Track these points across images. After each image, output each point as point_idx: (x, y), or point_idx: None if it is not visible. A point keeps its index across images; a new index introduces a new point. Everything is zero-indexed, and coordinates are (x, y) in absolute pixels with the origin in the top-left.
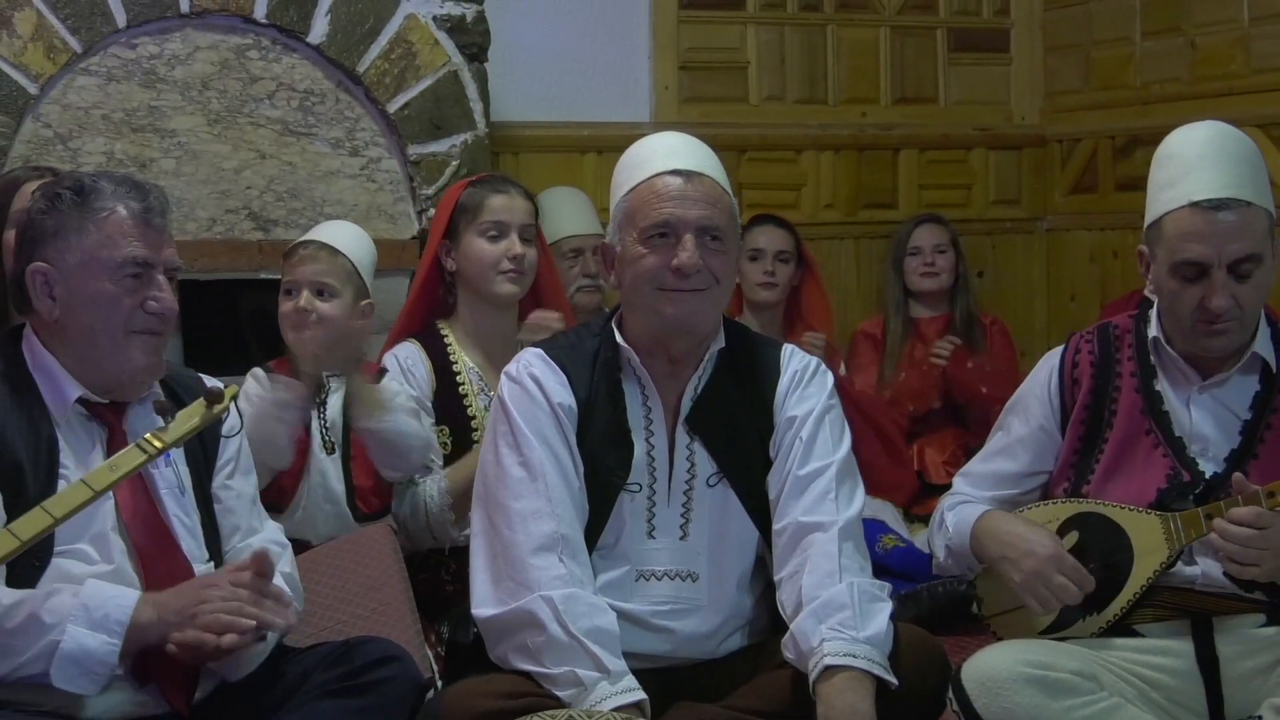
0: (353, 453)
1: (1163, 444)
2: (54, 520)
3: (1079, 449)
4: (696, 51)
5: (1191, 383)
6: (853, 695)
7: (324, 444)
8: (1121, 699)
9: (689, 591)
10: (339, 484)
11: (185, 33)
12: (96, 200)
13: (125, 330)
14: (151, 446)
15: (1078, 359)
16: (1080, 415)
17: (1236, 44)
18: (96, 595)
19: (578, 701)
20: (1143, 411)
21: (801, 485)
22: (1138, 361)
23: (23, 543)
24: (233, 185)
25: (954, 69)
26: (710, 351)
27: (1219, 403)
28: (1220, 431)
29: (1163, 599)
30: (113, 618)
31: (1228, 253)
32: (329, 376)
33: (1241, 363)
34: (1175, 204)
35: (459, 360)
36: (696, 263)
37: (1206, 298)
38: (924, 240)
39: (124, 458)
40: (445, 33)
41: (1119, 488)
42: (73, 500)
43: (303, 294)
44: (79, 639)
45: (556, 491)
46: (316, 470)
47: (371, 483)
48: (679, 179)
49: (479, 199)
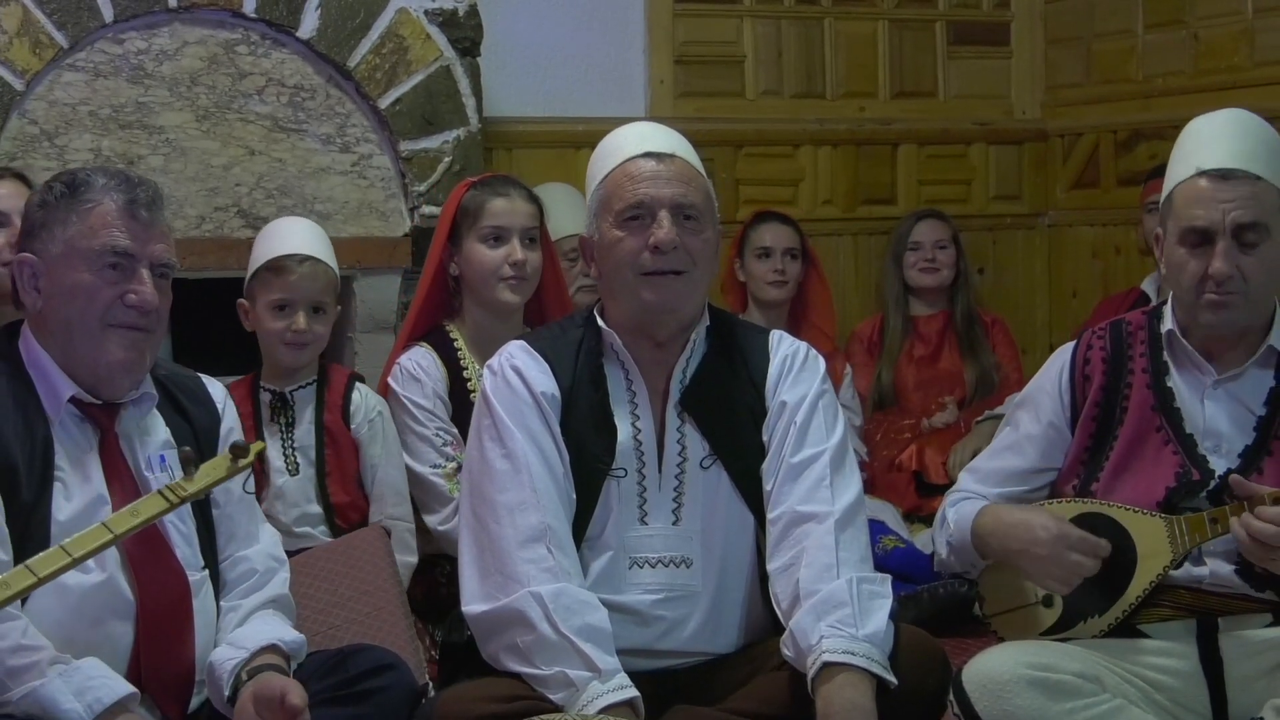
0: (327, 469)
1: (1173, 441)
2: (72, 560)
3: (1089, 446)
4: (692, 45)
5: (1206, 377)
6: (853, 691)
7: (287, 466)
8: (1124, 701)
9: (683, 578)
10: (311, 504)
11: (173, 27)
12: (86, 193)
13: (102, 323)
14: (174, 496)
15: (1090, 355)
16: (1091, 412)
17: (1240, 36)
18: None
19: (570, 702)
20: (1154, 408)
21: (795, 472)
22: (1150, 358)
23: (39, 579)
24: (222, 182)
25: (953, 62)
26: (697, 333)
27: (1233, 398)
28: (1234, 427)
29: (1169, 598)
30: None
31: (1231, 219)
32: (293, 391)
33: (1257, 356)
34: (1185, 175)
35: (469, 364)
36: (673, 239)
37: (1210, 265)
38: (925, 236)
39: (146, 504)
40: (437, 27)
41: (1127, 485)
42: (92, 542)
43: (299, 314)
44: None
45: (541, 482)
46: (274, 498)
47: (350, 497)
48: (652, 161)
49: (479, 203)
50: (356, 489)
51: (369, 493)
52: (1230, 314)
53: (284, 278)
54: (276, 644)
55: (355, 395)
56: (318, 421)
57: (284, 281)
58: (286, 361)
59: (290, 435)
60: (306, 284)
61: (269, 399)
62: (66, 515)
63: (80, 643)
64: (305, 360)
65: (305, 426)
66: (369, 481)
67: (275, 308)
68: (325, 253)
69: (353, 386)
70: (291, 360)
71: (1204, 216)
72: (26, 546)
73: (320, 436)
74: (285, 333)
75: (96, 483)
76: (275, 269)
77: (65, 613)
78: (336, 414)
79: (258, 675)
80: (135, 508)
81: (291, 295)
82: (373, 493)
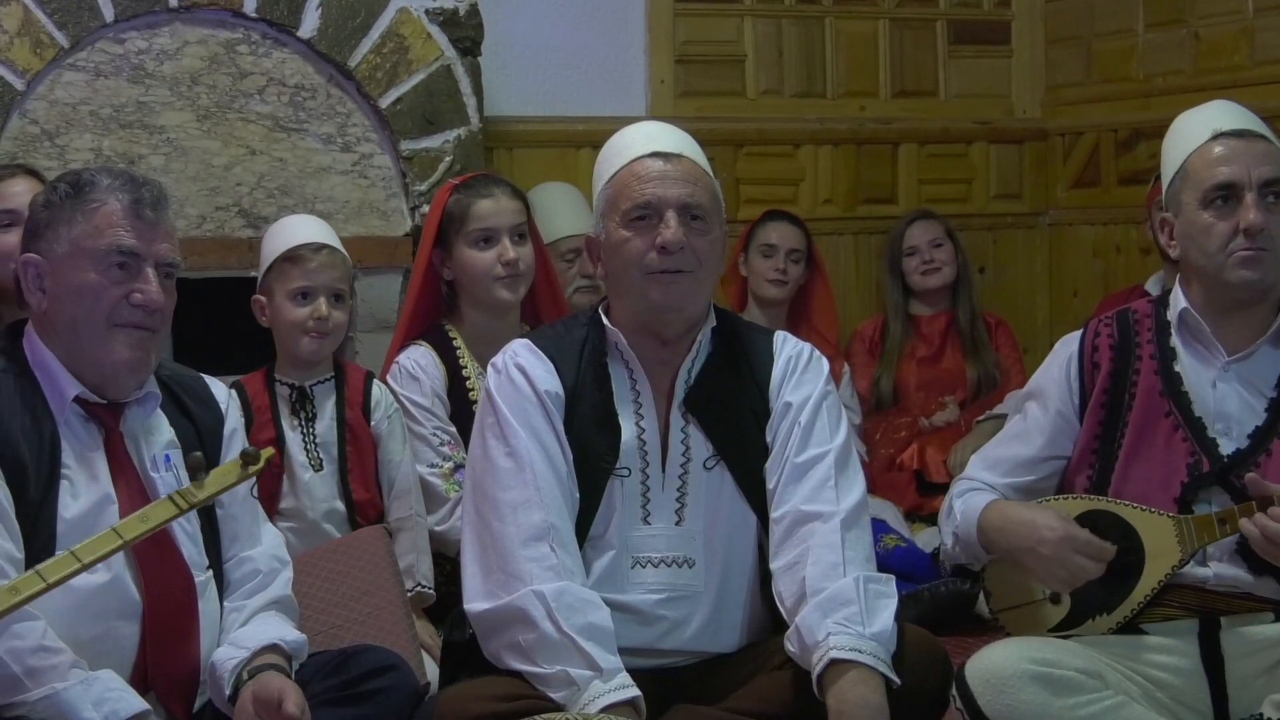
0: (349, 466)
1: (1182, 426)
2: (81, 565)
3: (1099, 434)
4: (692, 45)
5: (1217, 358)
6: (865, 689)
7: (310, 461)
8: (1126, 697)
9: (686, 578)
10: (335, 500)
11: (174, 27)
12: (91, 193)
13: (108, 322)
14: (184, 502)
15: (1097, 343)
16: (1100, 399)
17: (1240, 35)
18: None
19: (571, 701)
20: (1161, 394)
21: (799, 472)
22: (1157, 344)
23: (48, 585)
24: (222, 182)
25: (954, 62)
26: (702, 333)
27: (1245, 379)
28: (1245, 408)
29: (1174, 598)
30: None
31: (1257, 174)
32: (313, 386)
33: (1269, 335)
34: (1199, 141)
35: (468, 363)
36: (680, 239)
37: (1241, 219)
38: (918, 238)
39: (156, 510)
40: (438, 26)
41: (1141, 474)
42: (101, 547)
43: (320, 301)
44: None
45: (544, 481)
46: (303, 493)
47: (369, 495)
48: (659, 160)
49: (465, 206)
50: (375, 486)
51: (384, 490)
52: (1263, 270)
53: (302, 266)
54: (278, 644)
55: (375, 390)
56: (339, 417)
57: (303, 270)
58: (307, 353)
59: (312, 430)
60: (326, 271)
61: (288, 393)
62: (73, 514)
63: (86, 642)
64: (327, 351)
65: (327, 422)
66: (385, 478)
67: (297, 296)
68: (338, 244)
69: (371, 382)
70: (313, 351)
71: (1230, 172)
72: (33, 544)
73: (342, 433)
74: (308, 321)
75: (103, 482)
76: (293, 259)
77: (71, 612)
78: (358, 410)
79: (258, 675)
80: (145, 513)
81: (312, 283)
82: (393, 490)
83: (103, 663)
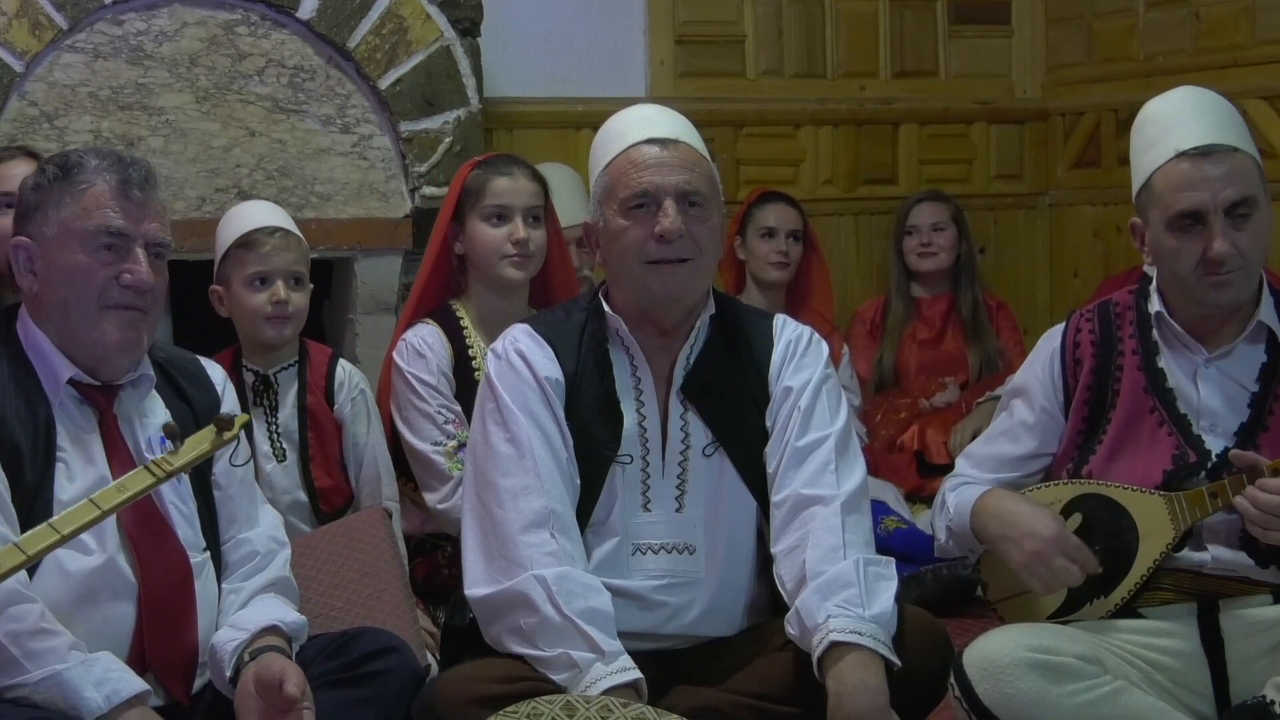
0: (310, 453)
1: (1167, 422)
2: (60, 537)
3: (1083, 430)
4: (692, 25)
5: (1197, 356)
6: (864, 671)
7: (274, 452)
8: (1125, 682)
9: (686, 565)
10: (298, 491)
11: (173, 8)
12: (79, 174)
13: (99, 304)
14: (160, 470)
15: (1079, 339)
16: (1083, 396)
17: (1241, 14)
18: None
19: (573, 684)
20: (1146, 390)
21: (800, 456)
22: (1139, 339)
23: (29, 557)
24: (222, 163)
25: (954, 41)
26: (701, 320)
27: (1226, 375)
28: (1228, 405)
29: (1170, 581)
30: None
31: (1222, 198)
32: (276, 374)
33: (1247, 333)
34: (1162, 159)
35: (474, 342)
36: (679, 228)
37: (1207, 246)
38: (921, 219)
39: (133, 479)
40: (437, 7)
41: (1123, 468)
42: (80, 518)
43: (278, 284)
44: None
45: (545, 467)
46: (265, 486)
47: (334, 481)
48: (655, 147)
49: (482, 182)
50: (340, 472)
51: (351, 475)
52: (1234, 292)
53: (257, 250)
54: (278, 625)
55: (339, 371)
56: (300, 404)
57: (258, 254)
58: (269, 338)
59: (275, 419)
60: (281, 254)
61: (252, 380)
62: (69, 496)
63: (82, 623)
64: (289, 336)
65: (289, 410)
66: (352, 462)
67: (254, 281)
68: (293, 226)
69: (335, 364)
70: (275, 336)
71: (1193, 199)
72: (30, 527)
73: (304, 420)
74: (266, 306)
75: (99, 464)
76: (247, 244)
77: (67, 594)
78: (319, 395)
79: (259, 656)
80: (122, 483)
81: (268, 267)
82: (361, 475)
83: (99, 645)
